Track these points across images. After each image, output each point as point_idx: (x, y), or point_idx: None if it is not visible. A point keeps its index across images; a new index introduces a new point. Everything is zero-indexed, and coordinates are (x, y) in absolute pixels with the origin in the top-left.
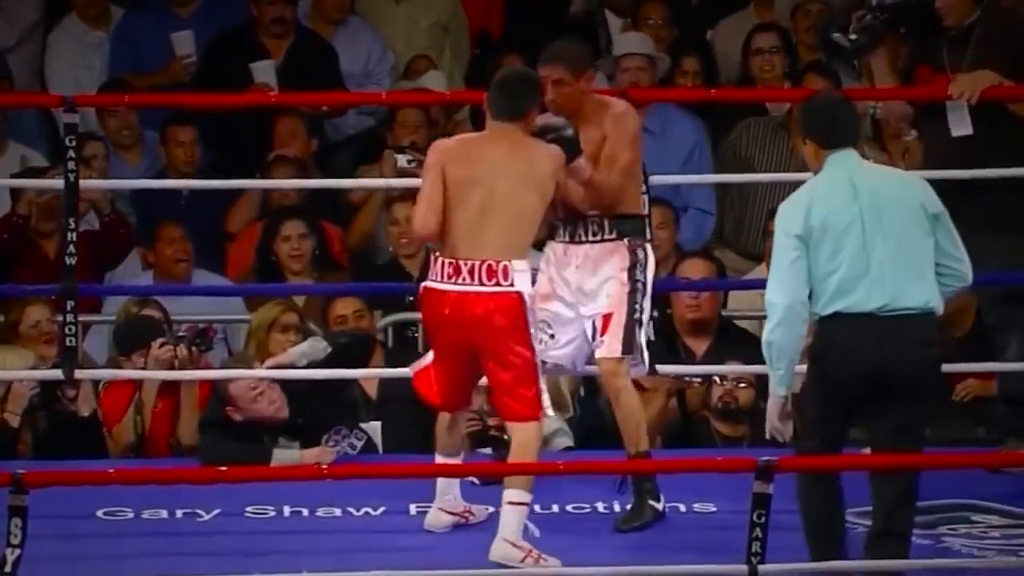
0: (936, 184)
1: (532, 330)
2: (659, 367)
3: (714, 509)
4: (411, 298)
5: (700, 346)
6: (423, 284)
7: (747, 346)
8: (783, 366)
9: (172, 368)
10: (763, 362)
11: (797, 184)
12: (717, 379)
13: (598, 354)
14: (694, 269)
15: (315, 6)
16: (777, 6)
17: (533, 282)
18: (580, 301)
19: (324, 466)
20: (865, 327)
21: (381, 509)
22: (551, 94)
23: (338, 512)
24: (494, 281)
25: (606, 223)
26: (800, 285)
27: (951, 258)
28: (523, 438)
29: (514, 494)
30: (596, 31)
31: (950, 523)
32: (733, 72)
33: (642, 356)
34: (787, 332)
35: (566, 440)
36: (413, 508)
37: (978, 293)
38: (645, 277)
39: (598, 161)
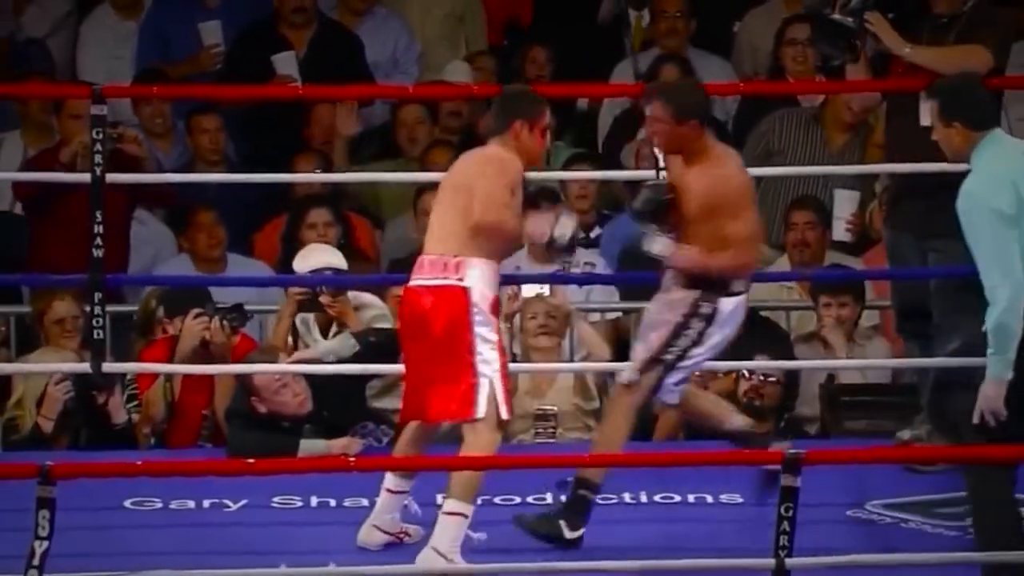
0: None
1: (482, 332)
2: None
3: (741, 501)
4: None
5: None
6: None
7: (772, 338)
8: (1012, 349)
9: (204, 340)
10: (789, 354)
11: (829, 177)
12: (745, 373)
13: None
14: None
15: None
16: None
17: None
18: (648, 326)
19: (351, 457)
20: None
21: (407, 500)
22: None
23: (365, 503)
24: (443, 275)
25: (683, 276)
26: (1019, 264)
27: None
28: (471, 444)
29: (451, 504)
30: (622, 30)
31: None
32: (762, 64)
33: (662, 386)
34: (1017, 314)
35: None
36: (440, 499)
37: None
38: (702, 330)
39: (689, 209)
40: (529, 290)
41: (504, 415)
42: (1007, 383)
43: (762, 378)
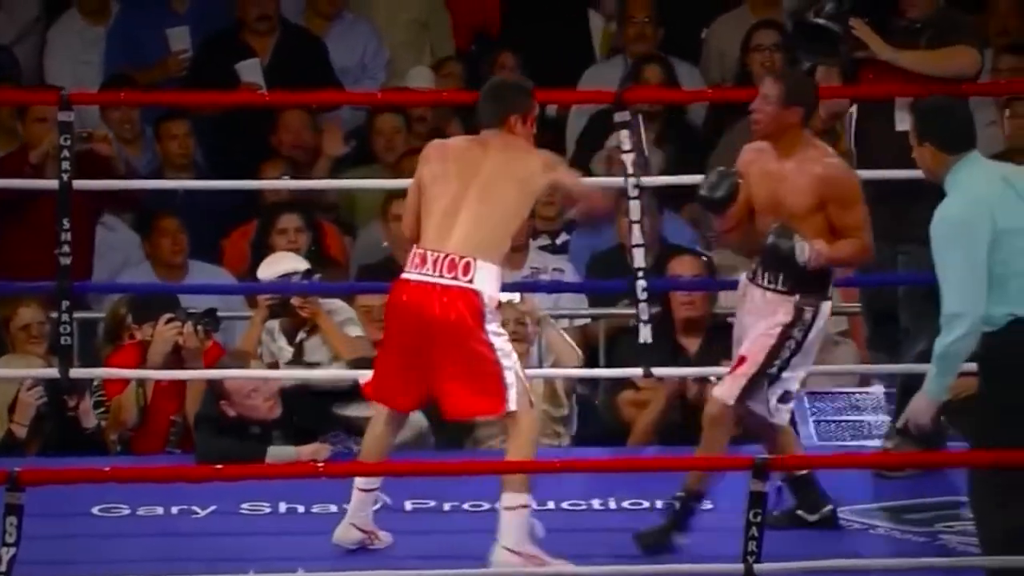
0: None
1: (493, 329)
2: (655, 369)
3: (709, 507)
4: None
5: (693, 344)
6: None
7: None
8: (953, 374)
9: (176, 345)
10: None
11: None
12: (713, 379)
13: (714, 390)
14: (685, 267)
15: (308, 1)
16: (782, 3)
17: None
18: (741, 340)
19: (320, 464)
20: None
21: (377, 506)
22: (753, 104)
23: (334, 509)
24: (453, 275)
25: (781, 275)
26: (984, 294)
27: None
28: (518, 435)
29: (508, 498)
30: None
31: (945, 521)
32: (730, 70)
33: (769, 409)
34: (969, 344)
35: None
36: (409, 505)
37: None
38: (803, 337)
39: (796, 201)
40: (506, 296)
41: (523, 408)
42: (938, 405)
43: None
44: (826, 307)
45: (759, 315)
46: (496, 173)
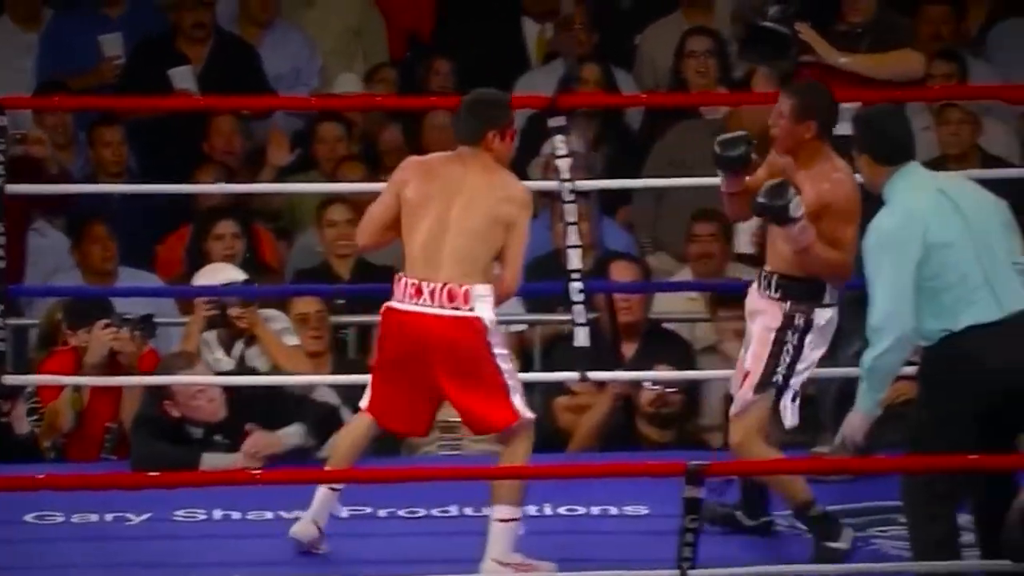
0: None
1: (499, 351)
2: (590, 374)
3: (645, 513)
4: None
5: (628, 348)
6: (386, 304)
7: (674, 349)
8: (880, 390)
9: (112, 350)
10: (692, 365)
11: None
12: (647, 384)
13: (730, 414)
14: (622, 272)
15: (241, 10)
16: (717, 9)
17: None
18: (746, 346)
19: (256, 471)
20: (997, 336)
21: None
22: (770, 119)
23: (269, 516)
24: (454, 305)
25: (774, 280)
26: (913, 310)
27: (1018, 254)
28: (513, 448)
29: (500, 510)
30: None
31: (879, 525)
32: (663, 76)
33: (782, 415)
34: (898, 358)
35: None
36: (345, 512)
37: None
38: (800, 342)
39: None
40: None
41: (530, 414)
42: (871, 420)
43: (665, 388)
44: (823, 313)
45: (752, 320)
46: (477, 195)
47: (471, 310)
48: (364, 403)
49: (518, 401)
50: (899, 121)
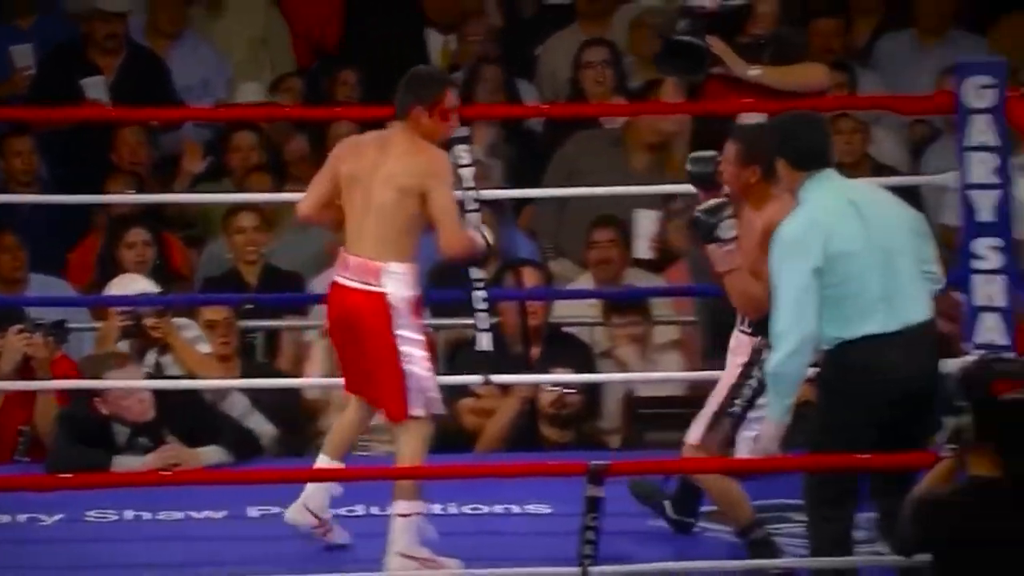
0: None
1: (402, 333)
2: (493, 377)
3: (548, 512)
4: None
5: (532, 352)
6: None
7: (574, 351)
8: (786, 397)
9: (25, 356)
10: (592, 368)
11: (631, 197)
12: (547, 386)
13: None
14: (526, 277)
15: (150, 22)
16: (614, 21)
17: None
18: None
19: (166, 472)
20: (894, 346)
21: (223, 513)
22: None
23: (180, 516)
24: (365, 279)
25: (744, 316)
26: (815, 315)
27: (930, 263)
28: (404, 443)
29: (399, 505)
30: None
31: (777, 523)
32: (563, 87)
33: (736, 446)
34: (800, 363)
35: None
36: (255, 511)
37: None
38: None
39: (743, 246)
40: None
41: (436, 409)
42: (783, 428)
43: (564, 390)
44: None
45: (731, 354)
46: (389, 172)
47: (379, 286)
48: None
49: (414, 396)
50: (816, 128)
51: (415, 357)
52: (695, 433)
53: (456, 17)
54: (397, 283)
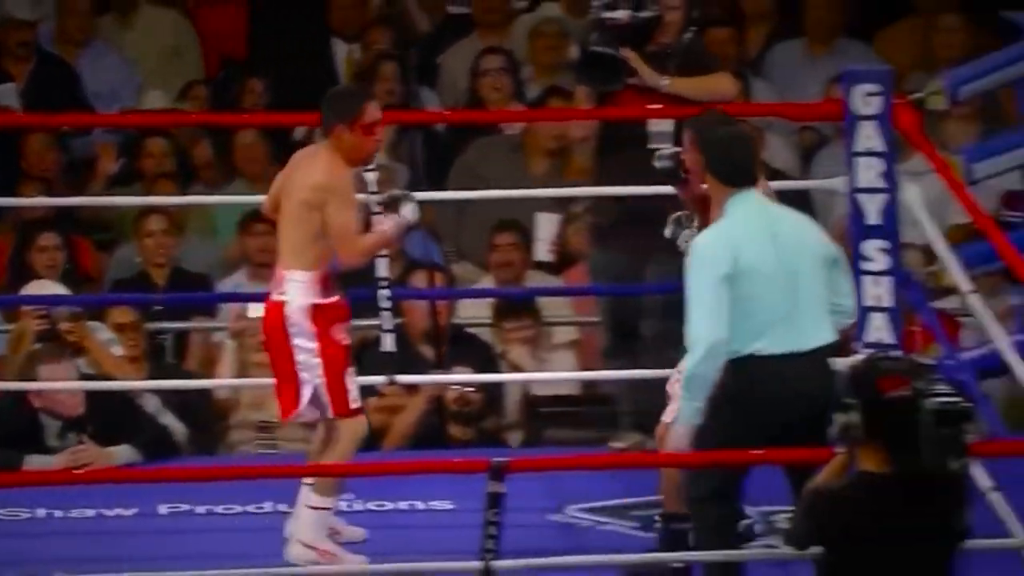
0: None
1: (299, 343)
2: (397, 377)
3: (451, 507)
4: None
5: (431, 353)
6: None
7: (476, 352)
8: (698, 398)
9: None
10: (493, 368)
11: (530, 201)
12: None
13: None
14: (424, 279)
15: (59, 30)
16: (513, 30)
17: None
18: None
19: (77, 470)
20: (785, 368)
21: (134, 510)
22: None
23: (91, 513)
24: (277, 288)
25: None
26: (724, 322)
27: (843, 296)
28: (336, 443)
29: (313, 499)
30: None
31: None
32: (462, 95)
33: None
34: (711, 367)
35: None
36: (164, 508)
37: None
38: None
39: None
40: (256, 309)
41: (353, 405)
42: (692, 430)
43: (467, 389)
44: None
45: None
46: (297, 185)
47: (281, 294)
48: None
49: (304, 400)
50: (743, 146)
51: (309, 365)
52: (669, 414)
53: (360, 27)
54: (296, 291)
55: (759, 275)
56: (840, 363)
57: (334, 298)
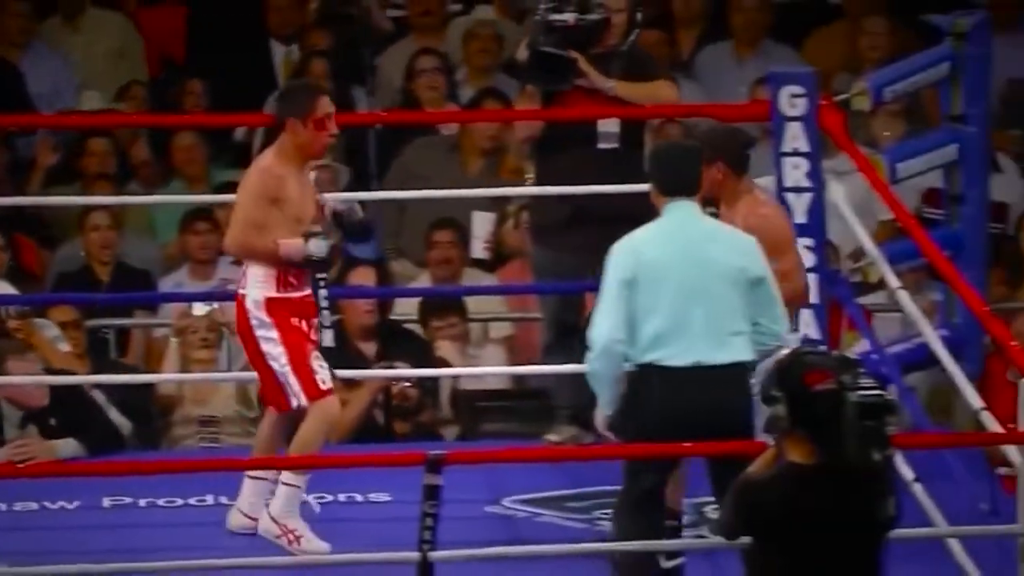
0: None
1: (259, 332)
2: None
3: (388, 499)
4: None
5: (369, 348)
6: None
7: (411, 346)
8: (604, 391)
9: None
10: (431, 363)
11: (466, 200)
12: (397, 383)
13: None
14: (364, 277)
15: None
16: (447, 33)
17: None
18: None
19: (19, 463)
20: (677, 381)
21: (76, 503)
22: None
23: (35, 507)
24: (240, 283)
25: None
26: (619, 325)
27: (768, 319)
28: (303, 426)
29: (287, 476)
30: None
31: (602, 508)
32: (399, 95)
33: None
34: (605, 365)
35: None
36: (107, 502)
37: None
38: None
39: None
40: (200, 307)
41: (322, 387)
42: (607, 416)
43: (407, 384)
44: (788, 339)
45: None
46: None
47: (242, 288)
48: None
49: (290, 388)
50: (682, 158)
51: (274, 354)
52: None
53: (298, 28)
54: (251, 285)
55: (657, 285)
56: (766, 362)
57: (297, 294)
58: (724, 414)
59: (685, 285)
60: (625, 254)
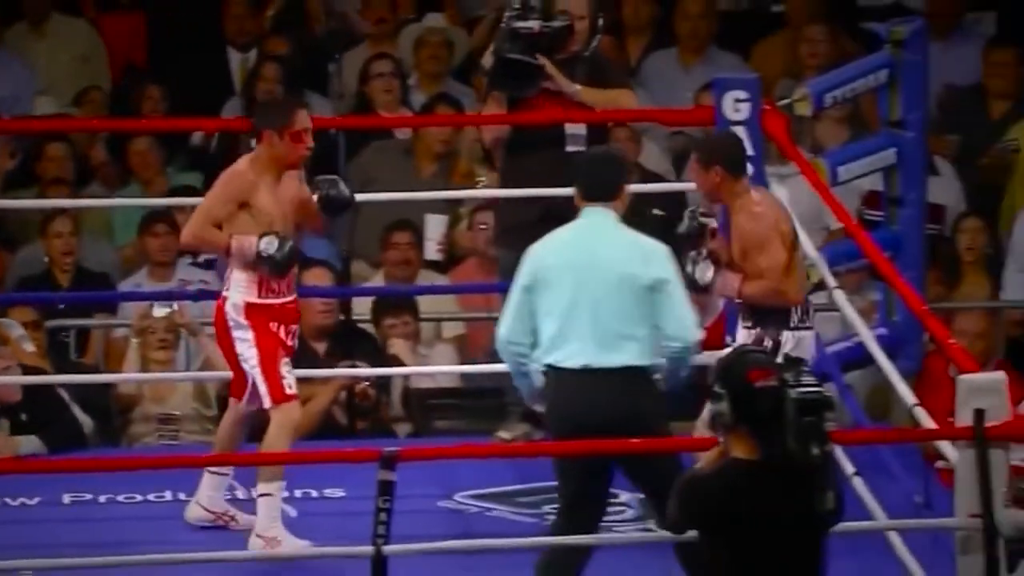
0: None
1: (236, 334)
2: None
3: (343, 495)
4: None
5: (321, 347)
6: None
7: (367, 346)
8: (518, 382)
9: None
10: (385, 361)
11: (419, 202)
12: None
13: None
14: (318, 277)
15: None
16: (400, 40)
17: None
18: None
19: None
20: (569, 383)
21: (37, 499)
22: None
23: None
24: (224, 286)
25: (747, 309)
26: (516, 326)
27: (670, 324)
28: (272, 427)
29: (260, 487)
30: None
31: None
32: (352, 99)
33: None
34: (507, 360)
35: None
36: (68, 498)
37: None
38: None
39: (731, 250)
40: (160, 309)
41: (288, 391)
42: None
43: (364, 382)
44: (791, 336)
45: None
46: None
47: (225, 291)
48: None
49: (261, 389)
50: (603, 165)
51: (246, 355)
52: (704, 417)
53: (255, 36)
54: (235, 289)
55: (551, 290)
56: (710, 356)
57: (280, 300)
58: (616, 416)
59: (576, 289)
60: (529, 260)
